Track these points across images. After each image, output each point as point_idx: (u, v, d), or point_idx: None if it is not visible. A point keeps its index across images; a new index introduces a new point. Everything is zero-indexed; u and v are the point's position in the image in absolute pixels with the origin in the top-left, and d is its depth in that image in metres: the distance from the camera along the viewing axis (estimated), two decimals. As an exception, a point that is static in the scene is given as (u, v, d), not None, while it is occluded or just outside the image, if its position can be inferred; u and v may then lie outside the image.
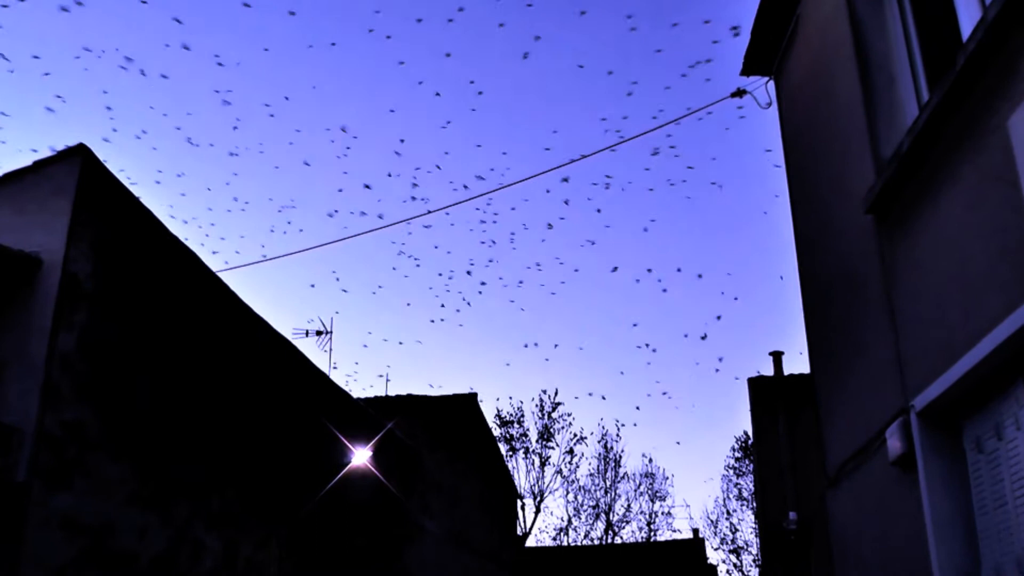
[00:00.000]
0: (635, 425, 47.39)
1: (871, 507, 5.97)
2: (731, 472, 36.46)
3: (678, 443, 48.19)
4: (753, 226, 40.97)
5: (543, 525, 50.85)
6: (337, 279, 42.86)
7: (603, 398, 43.81)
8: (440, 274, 44.83)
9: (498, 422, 34.44)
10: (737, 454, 36.17)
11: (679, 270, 46.43)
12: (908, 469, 5.19)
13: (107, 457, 7.70)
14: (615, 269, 43.18)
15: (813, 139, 7.43)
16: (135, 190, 8.46)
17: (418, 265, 42.55)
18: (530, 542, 33.14)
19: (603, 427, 38.42)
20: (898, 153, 5.17)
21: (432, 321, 43.05)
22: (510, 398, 46.52)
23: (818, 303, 7.34)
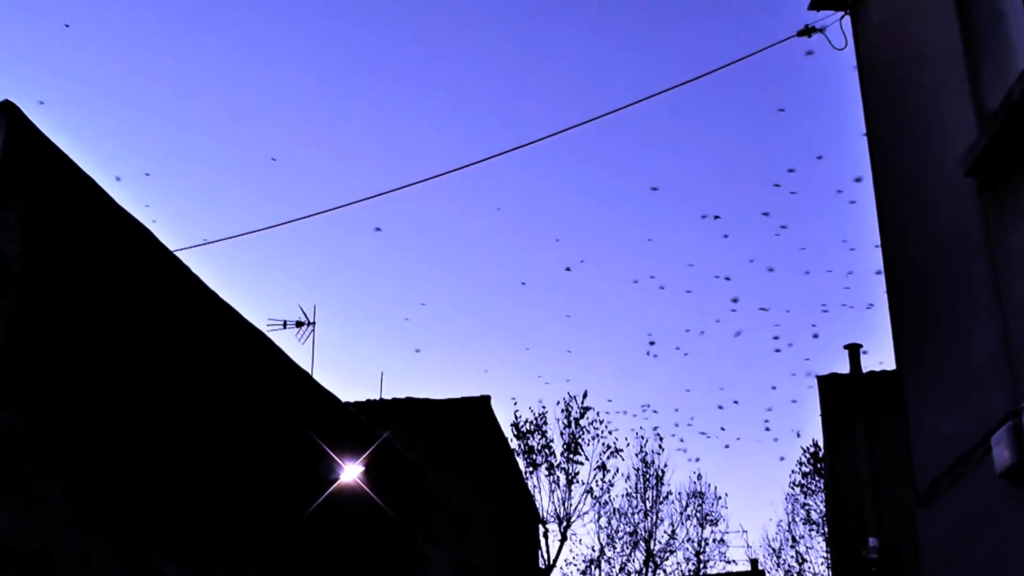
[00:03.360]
0: (684, 451, 47.45)
1: (973, 529, 5.93)
2: (797, 490, 36.42)
3: (727, 447, 48.29)
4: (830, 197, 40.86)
5: (570, 555, 50.84)
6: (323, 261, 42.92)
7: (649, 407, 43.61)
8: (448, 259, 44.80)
9: (515, 432, 34.43)
10: (805, 468, 36.11)
11: (751, 261, 46.62)
12: (1020, 483, 5.14)
13: (44, 470, 7.72)
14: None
15: (899, 88, 7.35)
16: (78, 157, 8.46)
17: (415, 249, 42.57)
18: (555, 575, 33.24)
19: (642, 437, 38.29)
20: (1007, 103, 5.10)
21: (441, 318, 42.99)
22: (543, 402, 46.23)
23: (906, 284, 7.29)
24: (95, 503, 8.24)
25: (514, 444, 34.00)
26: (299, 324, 15.41)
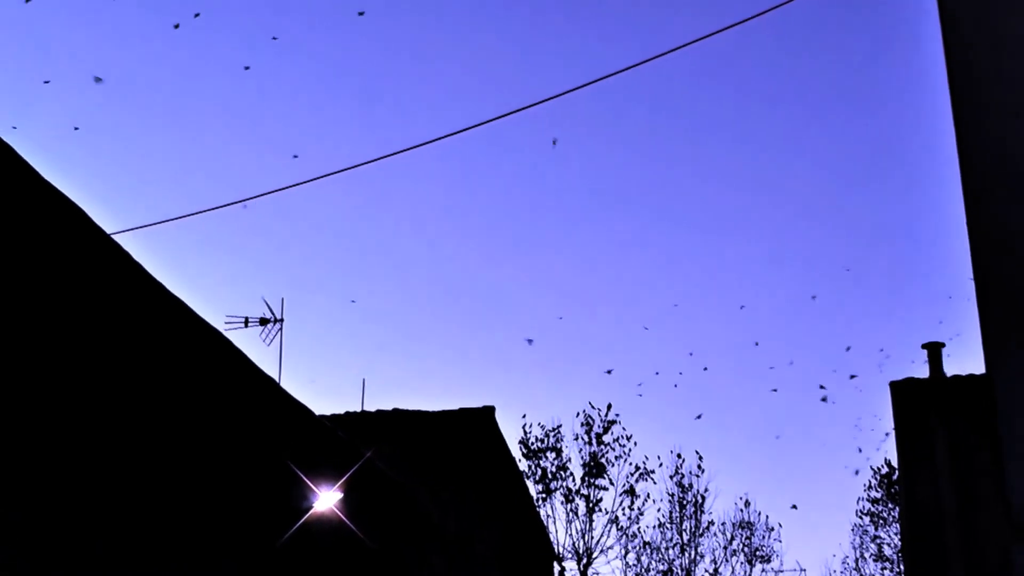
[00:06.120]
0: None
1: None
2: (866, 520, 36.40)
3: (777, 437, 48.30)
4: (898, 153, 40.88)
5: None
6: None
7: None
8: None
9: (524, 451, 34.24)
10: (875, 494, 36.07)
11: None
12: None
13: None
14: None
15: (990, 37, 7.27)
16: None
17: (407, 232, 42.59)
18: (573, 621, 33.23)
19: (678, 456, 38.14)
20: None
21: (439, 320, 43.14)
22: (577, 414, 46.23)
23: (997, 267, 7.20)
24: (10, 544, 8.19)
25: (523, 466, 33.87)
26: (264, 321, 15.43)
